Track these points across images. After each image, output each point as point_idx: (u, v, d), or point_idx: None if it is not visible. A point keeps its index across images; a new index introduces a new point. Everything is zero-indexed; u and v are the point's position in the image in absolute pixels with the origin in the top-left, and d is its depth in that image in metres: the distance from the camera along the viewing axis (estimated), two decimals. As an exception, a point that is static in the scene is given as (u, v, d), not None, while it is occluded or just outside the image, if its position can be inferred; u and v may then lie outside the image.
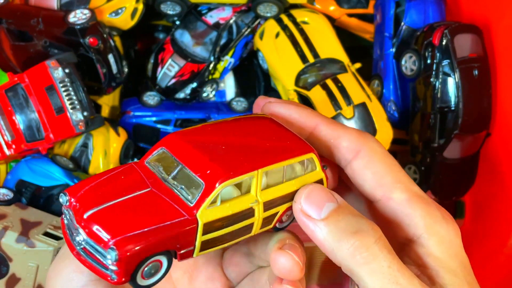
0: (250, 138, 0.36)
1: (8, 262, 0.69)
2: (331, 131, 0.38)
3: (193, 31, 0.93)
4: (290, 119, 0.39)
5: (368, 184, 0.37)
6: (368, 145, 0.38)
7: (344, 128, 0.39)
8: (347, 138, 0.38)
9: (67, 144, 0.86)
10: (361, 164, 0.37)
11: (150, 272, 0.32)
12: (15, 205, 0.76)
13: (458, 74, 0.79)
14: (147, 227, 0.31)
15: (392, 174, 0.37)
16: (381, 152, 0.38)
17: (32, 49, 0.83)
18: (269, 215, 0.36)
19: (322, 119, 0.39)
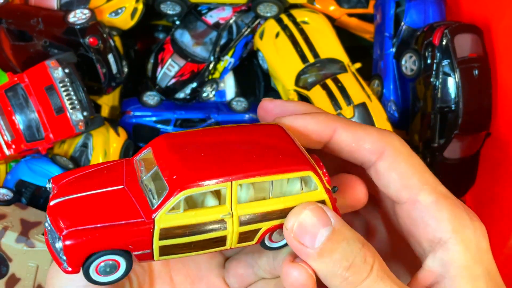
0: (243, 147, 0.34)
1: (8, 262, 0.69)
2: (351, 135, 0.37)
3: (193, 31, 0.93)
4: (306, 130, 0.37)
5: (393, 185, 0.36)
6: (392, 144, 0.37)
7: (365, 129, 0.37)
8: (369, 139, 0.37)
9: (67, 144, 0.86)
10: (386, 166, 0.36)
11: (105, 270, 0.32)
12: (15, 205, 0.76)
13: (458, 74, 0.79)
14: (101, 223, 0.31)
15: (418, 175, 0.36)
16: (405, 151, 0.37)
17: (32, 49, 0.83)
18: (247, 231, 0.34)
19: (340, 123, 0.37)
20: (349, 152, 0.37)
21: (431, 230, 0.35)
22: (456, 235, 0.34)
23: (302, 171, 0.34)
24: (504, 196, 0.80)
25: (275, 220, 0.34)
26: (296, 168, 0.34)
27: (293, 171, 0.34)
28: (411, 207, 0.36)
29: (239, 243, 0.34)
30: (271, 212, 0.34)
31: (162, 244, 0.32)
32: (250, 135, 0.36)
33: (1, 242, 0.69)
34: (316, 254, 0.32)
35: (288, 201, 0.34)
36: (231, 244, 0.34)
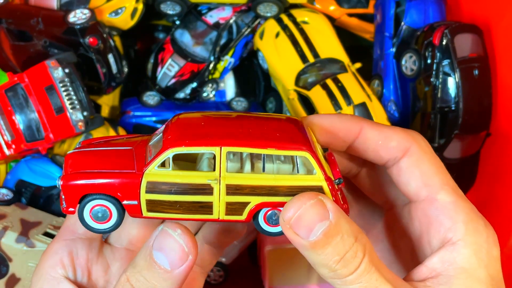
0: (249, 125, 0.35)
1: (8, 262, 0.69)
2: (378, 133, 0.38)
3: (193, 31, 0.93)
4: (333, 128, 0.38)
5: (414, 182, 0.37)
6: (418, 143, 0.37)
7: (391, 128, 0.38)
8: (396, 137, 0.37)
9: (67, 144, 0.86)
10: (410, 162, 0.37)
11: (97, 216, 0.35)
12: (15, 205, 0.76)
13: (458, 74, 0.79)
14: (97, 170, 0.35)
15: (440, 175, 0.37)
16: (430, 151, 0.38)
17: (32, 49, 0.83)
18: (234, 202, 0.34)
19: (367, 122, 0.38)
20: (375, 151, 0.38)
21: (444, 230, 0.36)
22: (468, 238, 0.35)
23: (297, 150, 0.34)
24: (504, 196, 0.80)
25: (265, 197, 0.34)
26: (291, 146, 0.34)
27: (288, 149, 0.34)
28: (428, 205, 0.36)
29: (227, 215, 0.35)
30: (261, 187, 0.34)
31: (148, 198, 0.34)
32: (263, 119, 0.37)
33: (1, 242, 0.69)
34: (309, 246, 0.33)
35: (281, 179, 0.34)
36: (218, 214, 0.35)
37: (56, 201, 0.79)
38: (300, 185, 0.34)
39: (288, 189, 0.34)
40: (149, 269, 0.34)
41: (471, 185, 0.87)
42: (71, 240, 0.40)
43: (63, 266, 0.37)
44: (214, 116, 0.37)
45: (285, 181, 0.34)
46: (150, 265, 0.34)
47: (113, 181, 0.34)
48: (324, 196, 0.34)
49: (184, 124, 0.36)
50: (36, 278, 0.38)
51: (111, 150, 0.37)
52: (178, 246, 0.34)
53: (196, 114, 0.38)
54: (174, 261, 0.33)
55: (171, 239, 0.34)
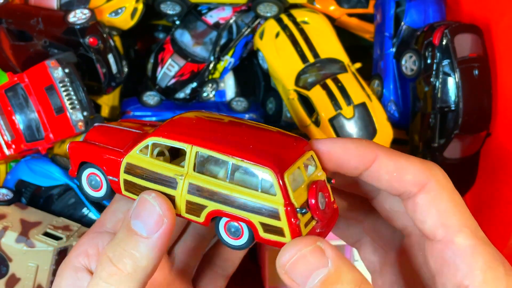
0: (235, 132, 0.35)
1: (8, 262, 0.69)
2: (393, 163, 0.35)
3: (193, 31, 0.93)
4: (346, 153, 0.35)
5: (431, 221, 0.34)
6: (436, 178, 0.35)
7: (408, 158, 0.35)
8: (412, 170, 0.35)
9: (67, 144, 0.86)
10: (427, 200, 0.34)
11: (91, 183, 0.39)
12: (15, 205, 0.76)
13: (458, 74, 0.79)
14: (97, 143, 0.39)
15: (459, 215, 0.34)
16: (448, 187, 0.35)
17: (32, 49, 0.83)
18: (193, 202, 0.34)
19: (382, 150, 0.36)
20: (388, 182, 0.35)
21: (460, 275, 0.33)
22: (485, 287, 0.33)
23: (261, 165, 0.32)
24: (504, 196, 0.80)
25: (221, 204, 0.33)
26: (257, 160, 0.32)
27: (252, 162, 0.32)
28: (445, 247, 0.34)
29: (187, 213, 0.35)
30: (218, 193, 0.33)
31: (125, 178, 0.37)
32: (259, 130, 0.36)
33: (1, 242, 0.69)
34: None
35: (239, 191, 0.33)
36: (180, 210, 0.35)
37: (56, 201, 0.79)
38: (256, 202, 0.33)
39: (243, 203, 0.33)
40: (127, 238, 0.34)
41: (471, 185, 0.87)
42: (98, 233, 0.40)
43: (86, 256, 0.37)
44: (209, 118, 0.37)
45: (242, 194, 0.33)
46: (128, 234, 0.34)
47: (102, 155, 0.37)
48: (323, 241, 0.32)
49: (177, 121, 0.37)
50: (61, 267, 0.38)
51: (121, 130, 0.39)
52: (153, 210, 0.33)
53: (196, 114, 0.38)
54: (150, 226, 0.33)
55: (146, 204, 0.34)
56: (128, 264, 0.33)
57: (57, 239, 0.70)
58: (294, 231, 0.32)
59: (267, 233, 0.33)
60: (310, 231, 0.33)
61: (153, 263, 0.34)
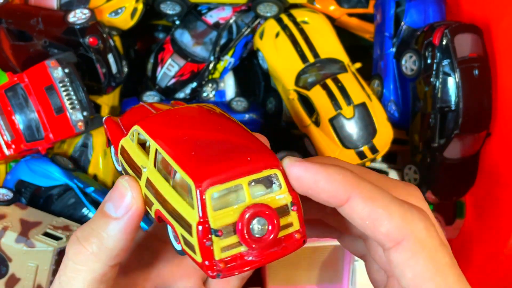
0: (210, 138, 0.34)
1: (8, 262, 0.69)
2: (368, 210, 0.30)
3: (193, 31, 0.93)
4: (316, 187, 0.31)
5: (405, 282, 0.31)
6: (414, 235, 0.30)
7: (386, 206, 0.30)
8: (387, 222, 0.30)
9: (67, 144, 0.86)
10: (401, 259, 0.30)
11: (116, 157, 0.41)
12: (14, 205, 0.76)
13: (458, 74, 0.78)
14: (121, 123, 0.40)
15: (438, 279, 0.30)
16: (430, 245, 0.30)
17: (32, 49, 0.83)
18: (147, 196, 0.34)
19: (358, 191, 0.31)
20: (361, 227, 0.31)
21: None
22: None
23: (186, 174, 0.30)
24: (504, 196, 0.80)
25: (160, 206, 0.33)
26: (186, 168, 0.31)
27: (182, 168, 0.31)
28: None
29: (146, 205, 0.35)
30: (160, 194, 0.33)
31: (120, 158, 0.38)
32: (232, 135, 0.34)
33: (0, 242, 0.69)
34: None
35: (172, 196, 0.32)
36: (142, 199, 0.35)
37: (56, 201, 0.79)
38: (178, 211, 0.31)
39: (171, 209, 0.32)
40: (97, 219, 0.33)
41: (471, 185, 0.87)
42: None
43: None
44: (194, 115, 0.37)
45: (173, 200, 0.31)
46: (99, 215, 0.33)
47: (115, 134, 0.39)
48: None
49: (164, 114, 0.37)
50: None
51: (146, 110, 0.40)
52: (124, 193, 0.33)
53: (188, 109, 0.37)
54: (119, 208, 0.33)
55: (119, 187, 0.34)
56: (94, 243, 0.33)
57: (57, 239, 0.70)
58: (204, 252, 0.30)
59: (186, 247, 0.31)
60: (233, 257, 0.30)
61: (120, 245, 0.33)
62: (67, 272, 0.33)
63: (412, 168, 0.88)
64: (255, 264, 0.31)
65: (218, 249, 0.30)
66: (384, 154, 0.85)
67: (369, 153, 0.83)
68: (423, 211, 0.31)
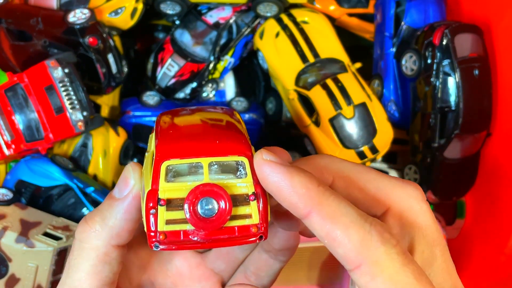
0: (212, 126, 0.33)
1: (8, 262, 0.69)
2: (326, 230, 0.29)
3: (193, 31, 0.93)
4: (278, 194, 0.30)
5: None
6: (372, 259, 0.29)
7: (345, 228, 0.29)
8: (345, 245, 0.29)
9: (67, 144, 0.86)
10: (362, 282, 0.29)
11: None
12: (14, 205, 0.76)
13: (459, 74, 0.78)
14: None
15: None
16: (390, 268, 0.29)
17: (32, 48, 0.83)
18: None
19: (319, 208, 0.29)
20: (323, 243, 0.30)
21: None
22: None
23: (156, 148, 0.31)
24: (504, 196, 0.80)
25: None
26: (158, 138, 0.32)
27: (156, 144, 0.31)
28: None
29: None
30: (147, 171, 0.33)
31: None
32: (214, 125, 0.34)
33: (0, 242, 0.69)
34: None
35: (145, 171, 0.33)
36: None
37: (56, 201, 0.79)
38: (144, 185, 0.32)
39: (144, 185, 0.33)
40: (104, 201, 0.35)
41: (471, 185, 0.87)
42: None
43: None
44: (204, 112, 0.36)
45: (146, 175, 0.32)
46: (107, 198, 0.35)
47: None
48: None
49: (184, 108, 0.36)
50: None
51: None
52: (128, 175, 0.34)
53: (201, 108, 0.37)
54: (122, 189, 0.34)
55: (124, 171, 0.35)
56: (97, 222, 0.34)
57: (57, 239, 0.70)
58: (148, 220, 0.30)
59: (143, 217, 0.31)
60: (176, 232, 0.30)
61: (121, 224, 0.34)
62: (74, 251, 0.35)
63: (412, 168, 0.88)
64: (197, 245, 0.30)
65: (162, 220, 0.30)
66: (384, 154, 0.85)
67: (369, 153, 0.83)
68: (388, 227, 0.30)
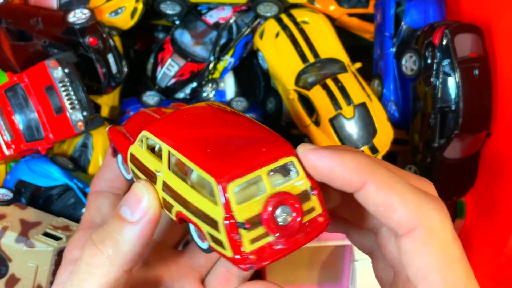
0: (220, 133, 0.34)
1: (8, 262, 0.69)
2: (382, 197, 0.30)
3: (193, 31, 0.93)
4: (332, 173, 0.31)
5: (412, 271, 0.30)
6: (428, 225, 0.30)
7: (400, 194, 0.30)
8: (402, 209, 0.30)
9: (67, 144, 0.86)
10: (411, 247, 0.30)
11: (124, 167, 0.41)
12: (14, 205, 0.76)
13: (459, 74, 0.78)
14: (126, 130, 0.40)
15: (445, 272, 0.30)
16: (442, 237, 0.30)
17: (32, 49, 0.83)
18: (166, 200, 0.34)
19: (373, 177, 0.31)
20: (375, 212, 0.31)
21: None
22: None
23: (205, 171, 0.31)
24: (504, 196, 0.80)
25: (181, 207, 0.33)
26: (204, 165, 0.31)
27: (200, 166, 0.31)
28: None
29: (164, 208, 0.35)
30: (180, 195, 0.33)
31: (130, 166, 0.37)
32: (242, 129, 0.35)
33: (0, 242, 0.69)
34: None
35: (192, 196, 0.32)
36: (162, 204, 0.35)
37: (56, 201, 0.79)
38: (202, 209, 0.31)
39: (194, 208, 0.32)
40: (113, 223, 0.33)
41: (471, 185, 0.87)
42: (89, 228, 0.40)
43: (79, 248, 0.37)
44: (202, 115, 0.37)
45: (194, 199, 0.32)
46: (115, 219, 0.33)
47: (121, 143, 0.39)
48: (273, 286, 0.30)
49: (172, 116, 0.36)
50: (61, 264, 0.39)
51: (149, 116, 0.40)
52: (141, 197, 0.33)
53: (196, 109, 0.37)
54: (136, 212, 0.33)
55: (135, 191, 0.33)
56: (109, 247, 0.33)
57: (57, 239, 0.70)
58: (234, 246, 0.30)
59: (214, 243, 0.32)
60: (262, 247, 0.31)
61: (135, 250, 0.33)
62: (79, 275, 0.33)
63: (412, 168, 0.88)
64: (284, 252, 0.31)
65: (247, 242, 0.30)
66: (384, 154, 0.85)
67: (369, 153, 0.83)
68: (440, 202, 0.31)
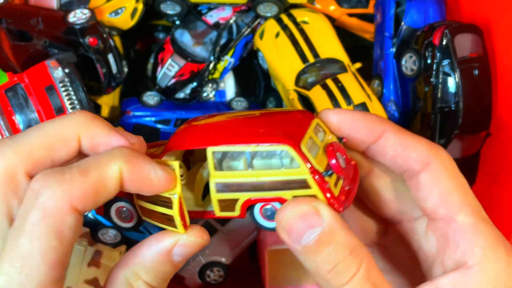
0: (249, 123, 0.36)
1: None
2: (399, 140, 0.36)
3: (193, 31, 0.93)
4: (355, 125, 0.36)
5: (433, 200, 0.35)
6: (440, 158, 0.36)
7: (414, 137, 0.36)
8: (417, 148, 0.36)
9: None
10: (430, 178, 0.35)
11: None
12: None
13: (459, 74, 0.78)
14: None
15: (461, 194, 0.35)
16: (452, 168, 0.36)
17: (32, 49, 0.83)
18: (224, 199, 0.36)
19: (390, 126, 0.36)
20: (393, 157, 0.36)
21: (460, 252, 0.33)
22: (484, 264, 0.33)
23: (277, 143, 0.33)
24: (504, 196, 0.80)
25: (250, 193, 0.34)
26: (271, 140, 0.33)
27: (267, 142, 0.33)
28: (446, 225, 0.34)
29: (221, 211, 0.36)
30: (245, 183, 0.34)
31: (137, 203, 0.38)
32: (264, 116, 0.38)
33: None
34: (301, 251, 0.32)
35: (263, 175, 0.34)
36: (217, 212, 0.36)
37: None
38: (283, 179, 0.34)
39: (272, 184, 0.34)
40: None
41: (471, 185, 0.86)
42: None
43: None
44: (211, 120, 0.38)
45: (269, 176, 0.34)
46: None
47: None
48: (319, 202, 0.32)
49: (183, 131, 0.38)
50: None
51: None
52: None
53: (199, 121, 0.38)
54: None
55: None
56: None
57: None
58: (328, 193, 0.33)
59: None
60: (341, 190, 0.35)
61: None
62: None
63: (412, 168, 0.88)
64: (354, 191, 0.36)
65: (333, 187, 0.34)
66: (384, 154, 0.85)
67: (369, 153, 0.83)
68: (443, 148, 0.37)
